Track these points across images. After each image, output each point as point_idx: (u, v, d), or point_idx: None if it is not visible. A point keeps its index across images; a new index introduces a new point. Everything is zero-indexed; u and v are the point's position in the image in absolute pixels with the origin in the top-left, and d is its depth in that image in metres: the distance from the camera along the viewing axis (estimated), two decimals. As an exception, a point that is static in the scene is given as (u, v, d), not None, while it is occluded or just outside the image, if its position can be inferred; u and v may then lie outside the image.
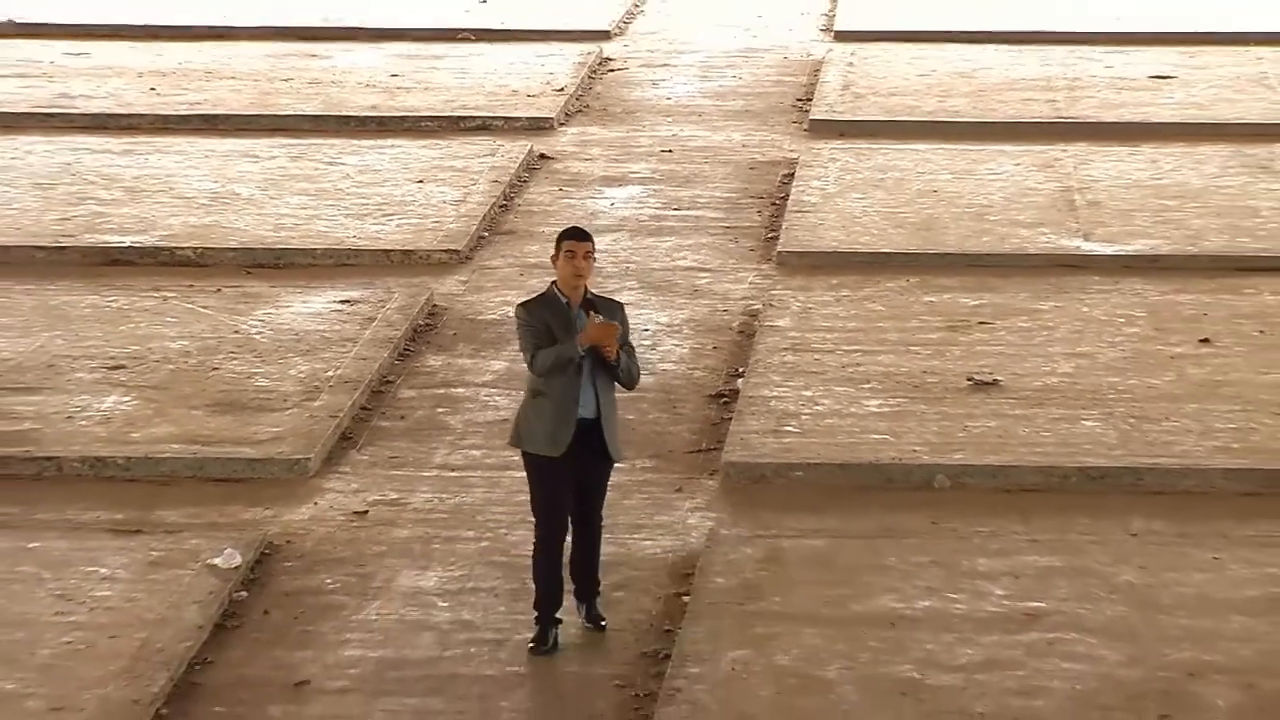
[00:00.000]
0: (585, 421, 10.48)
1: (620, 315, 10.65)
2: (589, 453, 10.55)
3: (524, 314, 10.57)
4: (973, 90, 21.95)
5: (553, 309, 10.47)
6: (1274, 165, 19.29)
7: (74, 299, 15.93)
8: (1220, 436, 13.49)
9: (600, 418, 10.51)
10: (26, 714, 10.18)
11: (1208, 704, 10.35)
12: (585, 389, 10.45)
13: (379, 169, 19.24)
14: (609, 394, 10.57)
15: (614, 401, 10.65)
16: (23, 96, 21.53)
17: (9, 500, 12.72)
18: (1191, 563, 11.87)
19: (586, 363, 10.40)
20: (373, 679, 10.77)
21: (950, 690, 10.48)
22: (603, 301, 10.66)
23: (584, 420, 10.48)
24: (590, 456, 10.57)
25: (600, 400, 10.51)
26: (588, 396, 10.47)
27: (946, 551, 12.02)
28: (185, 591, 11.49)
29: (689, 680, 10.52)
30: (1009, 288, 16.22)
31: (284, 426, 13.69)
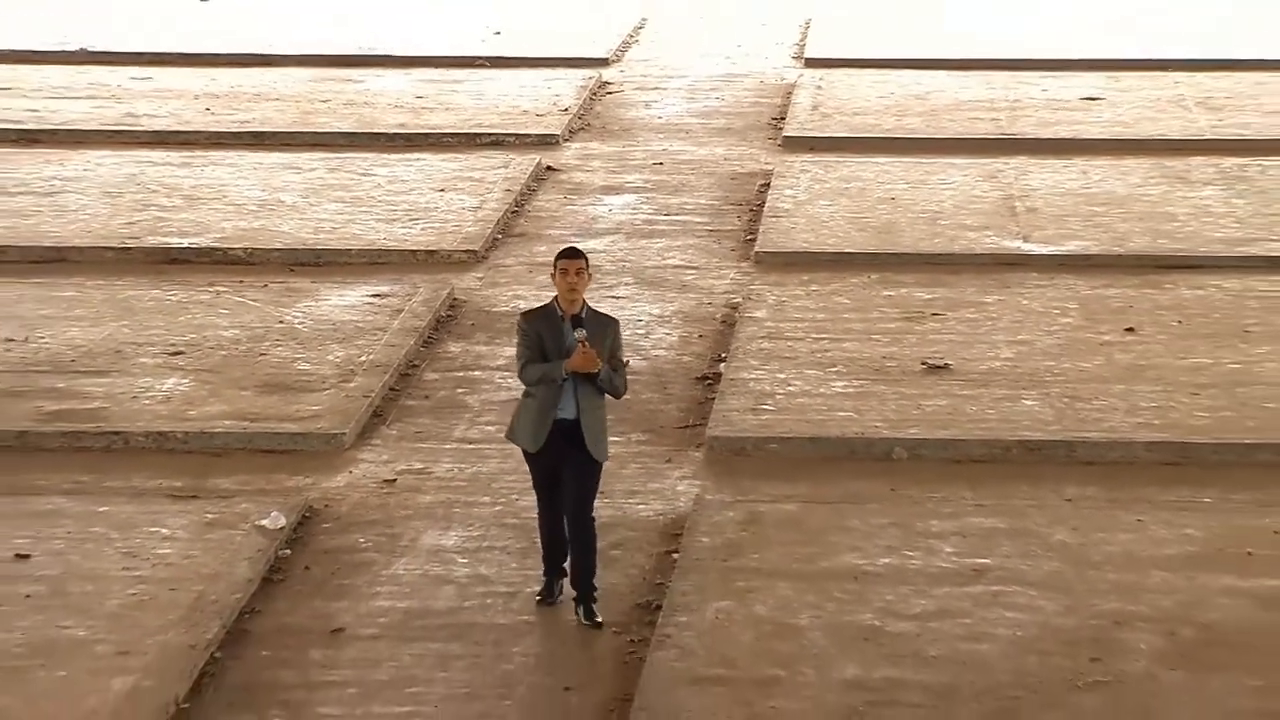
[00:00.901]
0: (565, 422, 10.36)
1: (612, 330, 10.53)
2: (573, 451, 10.41)
3: (523, 324, 10.51)
4: (926, 110, 21.93)
5: (549, 321, 10.38)
6: (1190, 176, 19.28)
7: (138, 293, 15.91)
8: (1143, 413, 13.50)
9: (580, 420, 10.36)
10: (96, 657, 10.19)
11: (1132, 648, 10.36)
12: (567, 393, 10.33)
13: (406, 179, 19.21)
14: (590, 399, 10.39)
15: (597, 406, 10.45)
16: (94, 115, 21.50)
17: (81, 470, 12.74)
18: (1118, 524, 11.88)
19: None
20: (400, 626, 10.78)
21: (907, 636, 10.49)
22: (597, 317, 10.51)
23: (564, 421, 10.35)
24: (574, 455, 10.42)
25: (580, 404, 10.34)
26: (568, 400, 10.33)
27: (903, 515, 12.03)
28: (236, 549, 11.50)
29: (678, 628, 10.54)
30: (958, 283, 16.21)
31: (323, 405, 13.68)
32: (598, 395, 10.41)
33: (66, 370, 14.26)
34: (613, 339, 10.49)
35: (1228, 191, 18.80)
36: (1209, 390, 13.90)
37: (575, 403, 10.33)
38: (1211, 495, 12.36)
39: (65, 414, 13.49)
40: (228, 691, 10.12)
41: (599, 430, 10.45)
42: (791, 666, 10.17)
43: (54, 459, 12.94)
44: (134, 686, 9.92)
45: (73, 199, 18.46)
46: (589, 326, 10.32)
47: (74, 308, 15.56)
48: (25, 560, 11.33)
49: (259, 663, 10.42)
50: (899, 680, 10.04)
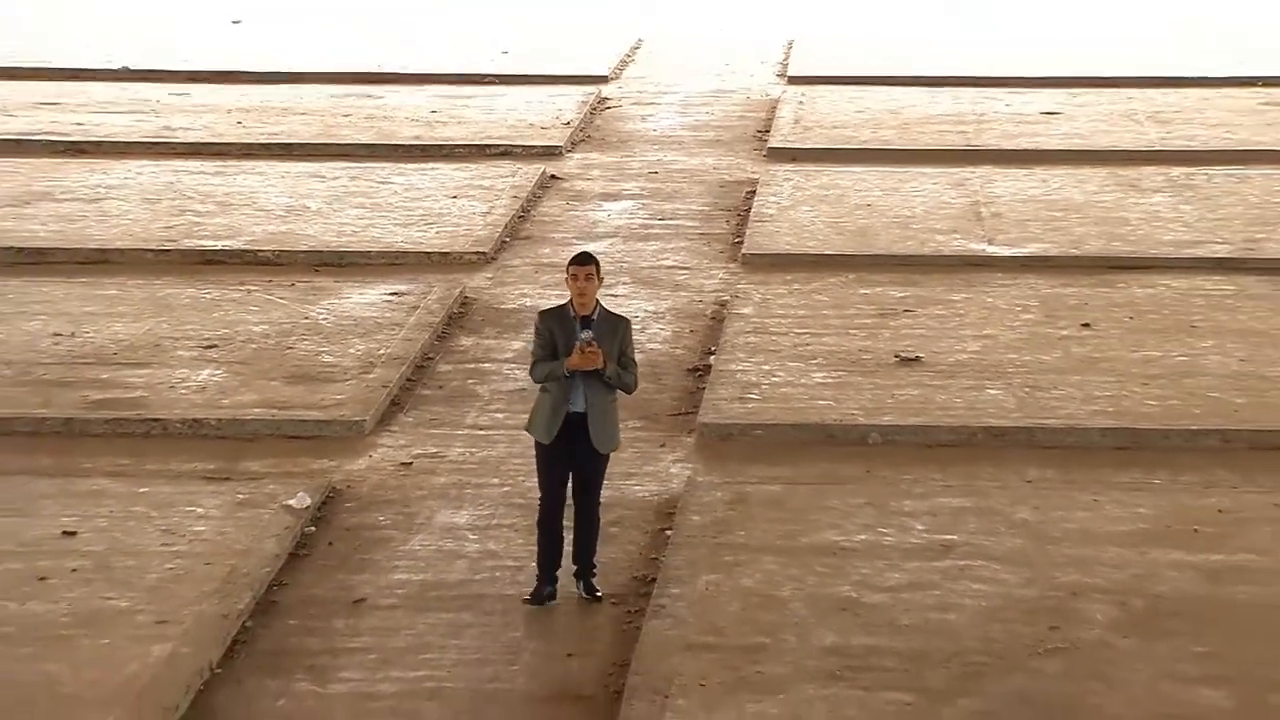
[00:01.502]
0: (575, 415, 10.29)
1: (622, 329, 10.46)
2: (581, 443, 10.35)
3: (539, 322, 10.49)
4: (899, 124, 21.93)
5: (562, 321, 10.34)
6: (1141, 184, 19.28)
7: (175, 291, 15.90)
8: (1099, 402, 13.51)
9: (587, 413, 10.31)
10: (137, 626, 10.19)
11: (1088, 618, 10.37)
12: (577, 389, 10.27)
13: (421, 187, 19.20)
14: (598, 394, 10.32)
15: (605, 401, 10.37)
16: (134, 128, 21.49)
17: (123, 454, 12.74)
18: (1075, 504, 11.89)
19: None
20: (416, 597, 10.79)
21: (881, 606, 10.49)
22: (609, 318, 10.45)
23: (574, 414, 10.29)
24: (583, 447, 10.36)
25: (589, 399, 10.29)
26: (578, 395, 10.27)
27: (878, 495, 12.03)
28: (265, 527, 11.50)
29: (671, 599, 10.54)
30: (928, 283, 16.21)
31: (345, 394, 13.68)
32: (606, 391, 10.35)
33: (110, 362, 14.26)
34: (623, 338, 10.43)
35: (1176, 198, 18.80)
36: (1158, 381, 13.91)
37: (584, 398, 10.29)
38: (1161, 477, 12.36)
39: (109, 402, 13.49)
40: (258, 657, 10.13)
41: (606, 424, 10.39)
42: (775, 634, 10.17)
43: (98, 444, 12.93)
44: (172, 653, 9.92)
45: (115, 205, 18.46)
46: (599, 327, 10.27)
47: (116, 305, 15.55)
48: (72, 537, 11.33)
49: (286, 631, 10.42)
50: (874, 647, 10.04)
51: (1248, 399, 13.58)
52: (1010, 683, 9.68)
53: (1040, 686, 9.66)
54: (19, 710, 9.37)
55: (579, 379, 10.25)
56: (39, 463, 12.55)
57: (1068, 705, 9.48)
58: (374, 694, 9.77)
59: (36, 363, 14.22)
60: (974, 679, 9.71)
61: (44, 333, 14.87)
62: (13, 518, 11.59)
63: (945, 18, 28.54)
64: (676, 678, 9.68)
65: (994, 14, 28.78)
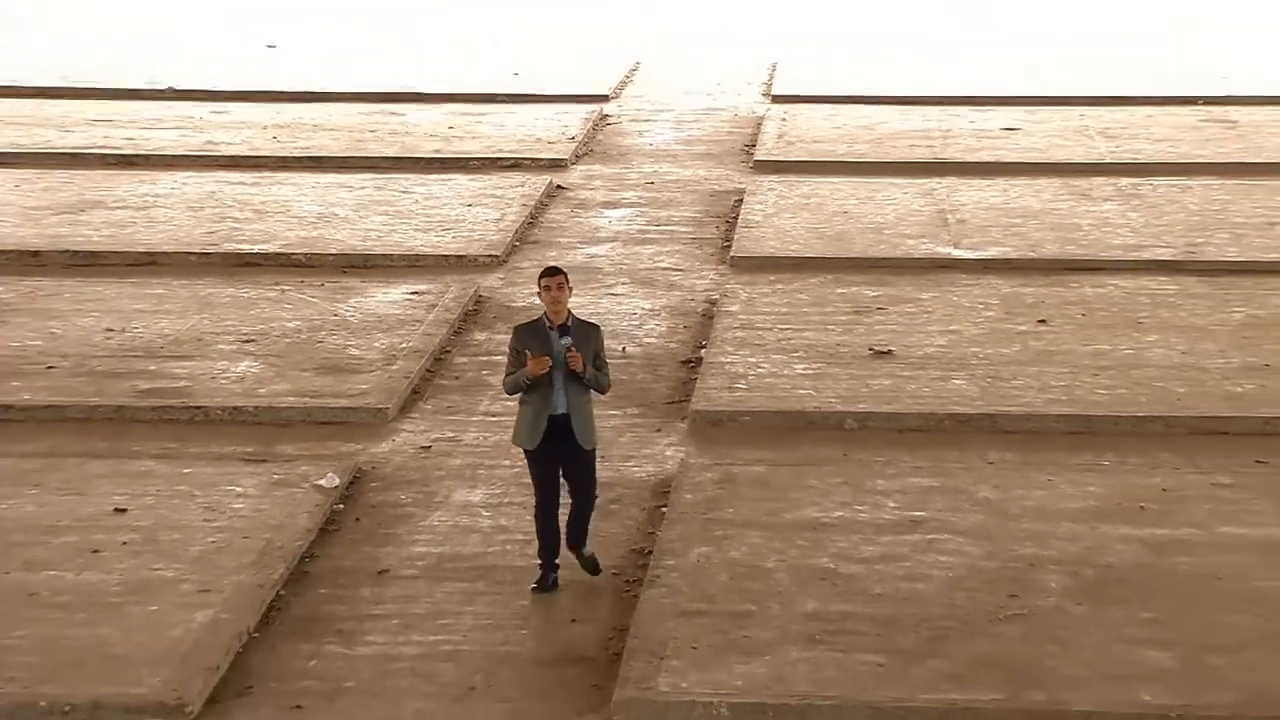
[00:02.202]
0: (558, 418, 10.13)
1: (595, 336, 10.29)
2: (566, 443, 10.19)
3: (512, 338, 10.27)
4: (872, 139, 21.93)
5: (536, 333, 10.13)
6: (1092, 194, 19.28)
7: (216, 291, 15.89)
8: (1054, 391, 13.50)
9: (570, 414, 10.15)
10: (182, 594, 10.20)
11: (1044, 586, 10.38)
12: (558, 392, 10.09)
13: (440, 196, 19.19)
14: (578, 396, 10.15)
15: (584, 402, 10.20)
16: (179, 143, 21.50)
17: (169, 438, 12.73)
18: (1032, 483, 11.89)
19: (559, 372, 10.04)
20: (435, 568, 10.79)
21: (857, 576, 10.50)
22: (582, 325, 10.27)
23: (557, 417, 10.12)
24: (567, 446, 10.20)
25: (570, 401, 10.13)
26: (559, 398, 10.10)
27: (853, 475, 12.03)
28: (298, 504, 11.50)
29: (666, 570, 10.55)
30: (899, 283, 16.20)
31: (370, 384, 13.67)
32: (584, 393, 10.21)
33: (157, 355, 14.25)
34: (596, 343, 10.28)
35: (1124, 206, 18.80)
36: (1108, 372, 13.91)
37: (565, 400, 10.13)
38: (1110, 459, 12.35)
39: (156, 392, 13.48)
40: (291, 623, 10.14)
41: (586, 422, 10.23)
42: (761, 602, 10.17)
43: (146, 429, 12.92)
44: (213, 619, 9.93)
45: (162, 212, 18.45)
46: (575, 334, 10.12)
47: (163, 303, 15.54)
48: (123, 513, 11.33)
49: (317, 599, 10.43)
50: (850, 613, 10.04)
51: (1189, 388, 13.58)
52: (974, 646, 9.69)
53: (1001, 649, 9.66)
54: (76, 670, 9.38)
55: (561, 383, 10.08)
56: (93, 446, 12.54)
57: (1026, 667, 9.48)
58: (396, 655, 9.77)
59: (90, 356, 14.22)
60: (941, 642, 9.72)
61: (97, 328, 14.86)
62: (69, 496, 11.61)
63: (915, 43, 28.52)
64: (671, 641, 9.68)
65: (959, 39, 28.78)
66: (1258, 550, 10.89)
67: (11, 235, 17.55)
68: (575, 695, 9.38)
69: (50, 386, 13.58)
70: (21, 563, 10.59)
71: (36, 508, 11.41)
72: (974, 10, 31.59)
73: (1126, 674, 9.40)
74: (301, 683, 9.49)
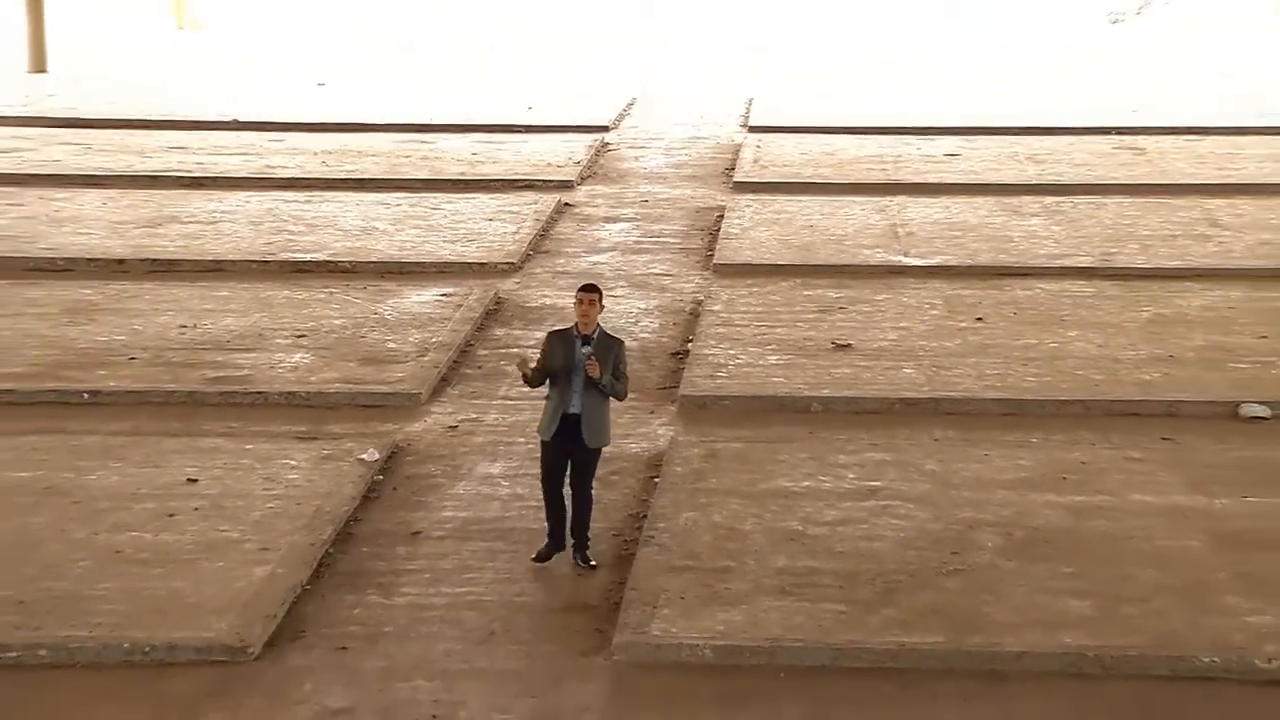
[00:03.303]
0: (572, 417, 9.92)
1: (617, 348, 10.08)
2: (576, 441, 9.98)
3: (544, 342, 10.13)
4: (834, 163, 21.90)
5: (565, 340, 9.97)
6: (1021, 210, 19.27)
7: (274, 293, 15.87)
8: (989, 378, 13.50)
9: (581, 414, 9.94)
10: (244, 552, 10.20)
11: (981, 545, 10.39)
12: (575, 394, 9.90)
13: (465, 212, 19.17)
14: (593, 399, 9.94)
15: (598, 406, 9.98)
16: (242, 167, 21.45)
17: (233, 418, 12.72)
18: (971, 457, 11.90)
19: (577, 377, 9.88)
20: (460, 530, 10.80)
21: (822, 537, 10.51)
22: (606, 338, 10.07)
23: (571, 416, 9.92)
24: (577, 443, 9.99)
25: (584, 403, 9.93)
26: (575, 400, 9.91)
27: (818, 450, 12.03)
28: (344, 475, 11.50)
29: (658, 531, 10.55)
30: (857, 286, 16.19)
31: (405, 373, 13.66)
32: (600, 397, 9.99)
33: (223, 348, 14.23)
34: (616, 354, 10.07)
35: (1048, 220, 18.79)
36: (1035, 362, 13.91)
37: (580, 402, 9.95)
38: (1037, 436, 12.35)
39: (222, 379, 13.46)
40: (338, 577, 10.14)
41: (598, 424, 10.01)
42: (739, 559, 10.18)
43: (214, 411, 12.91)
44: (271, 573, 9.93)
45: (228, 226, 18.41)
46: (598, 345, 9.96)
47: (228, 304, 15.51)
48: (194, 483, 11.33)
49: (360, 556, 10.42)
50: (815, 569, 10.04)
51: (1104, 376, 13.59)
52: (921, 597, 9.70)
53: (944, 599, 9.67)
54: (155, 616, 9.38)
55: (578, 386, 9.91)
56: (168, 426, 12.52)
57: (965, 614, 9.49)
58: (428, 605, 9.77)
59: (166, 348, 14.19)
60: (893, 593, 9.72)
61: (172, 325, 14.83)
62: (148, 468, 11.60)
63: (869, 81, 28.49)
64: (663, 593, 9.69)
65: (908, 77, 28.74)
66: (1162, 515, 10.90)
67: (99, 246, 17.52)
68: (581, 639, 9.38)
69: (132, 375, 13.55)
70: (108, 525, 10.59)
71: (120, 478, 11.40)
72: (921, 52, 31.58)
73: (1051, 620, 9.41)
74: (347, 628, 9.49)
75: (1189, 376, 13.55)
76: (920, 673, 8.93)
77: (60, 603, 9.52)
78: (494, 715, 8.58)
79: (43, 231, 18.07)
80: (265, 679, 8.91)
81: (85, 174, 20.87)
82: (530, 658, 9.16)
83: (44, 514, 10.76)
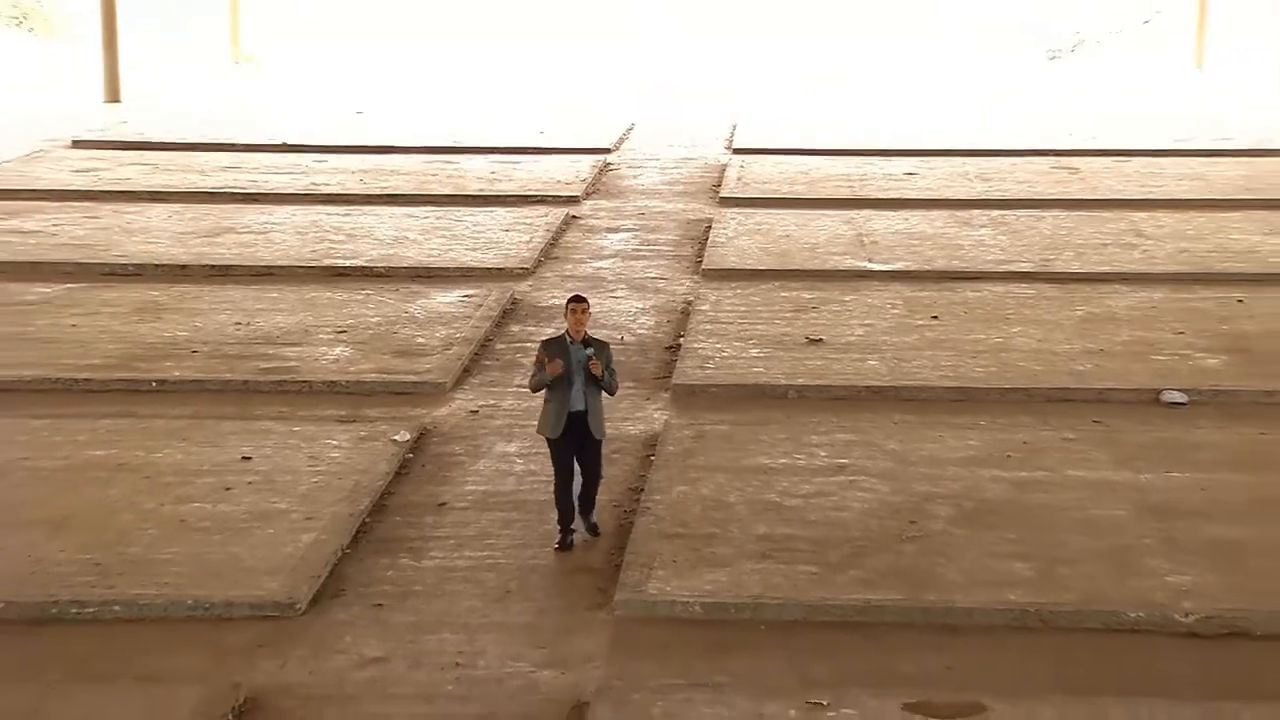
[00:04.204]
0: (577, 414, 9.82)
1: (606, 351, 9.96)
2: (582, 434, 9.87)
3: (540, 348, 9.97)
4: (808, 181, 21.87)
5: (559, 346, 9.85)
6: (971, 222, 19.22)
7: (317, 294, 15.84)
8: (943, 369, 13.49)
9: (587, 411, 9.87)
10: (292, 522, 10.19)
11: (935, 514, 10.39)
12: (578, 393, 9.79)
13: (485, 224, 19.12)
14: (593, 396, 9.86)
15: (597, 402, 9.89)
16: (290, 184, 21.41)
17: (283, 404, 12.70)
18: (927, 438, 11.88)
19: (579, 376, 9.76)
20: (481, 502, 10.78)
21: (796, 507, 10.49)
22: (596, 341, 9.95)
23: (576, 413, 9.82)
24: (582, 436, 9.88)
25: (587, 399, 9.83)
26: (579, 398, 9.80)
27: (794, 432, 12.02)
28: (379, 454, 11.48)
29: (654, 503, 10.54)
30: (828, 288, 16.17)
31: (432, 364, 13.63)
32: (598, 393, 9.92)
33: (274, 342, 14.20)
34: (606, 355, 9.98)
35: (995, 231, 18.76)
36: (983, 355, 13.90)
37: (584, 398, 9.86)
38: (984, 420, 12.34)
39: (273, 370, 13.44)
40: (374, 542, 10.13)
41: (599, 417, 9.95)
42: (724, 527, 10.17)
43: (266, 397, 12.89)
44: (315, 539, 9.92)
45: (278, 236, 18.37)
46: (591, 346, 9.85)
47: (278, 304, 15.49)
48: (248, 460, 11.31)
49: (393, 525, 10.41)
50: (792, 535, 10.04)
51: (1043, 367, 13.57)
52: (883, 560, 9.69)
53: (904, 562, 9.67)
54: (214, 577, 9.38)
55: (580, 385, 9.81)
56: (225, 410, 12.52)
57: (922, 575, 9.49)
58: (452, 567, 9.77)
59: (224, 343, 14.18)
60: (859, 557, 9.72)
61: (229, 322, 14.81)
62: (208, 447, 11.59)
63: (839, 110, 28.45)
64: (657, 556, 9.68)
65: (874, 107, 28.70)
66: (1093, 488, 10.90)
67: (165, 253, 17.49)
68: (586, 596, 9.38)
69: (194, 366, 13.54)
70: (173, 498, 10.58)
71: (184, 456, 11.39)
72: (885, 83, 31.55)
73: (996, 580, 9.40)
74: (381, 587, 9.49)
75: (1117, 367, 13.54)
76: (883, 626, 8.94)
77: (132, 565, 9.52)
78: (509, 663, 8.59)
79: (116, 240, 18.04)
80: (310, 632, 8.92)
81: (153, 190, 20.83)
82: (541, 613, 9.16)
83: (117, 487, 10.76)
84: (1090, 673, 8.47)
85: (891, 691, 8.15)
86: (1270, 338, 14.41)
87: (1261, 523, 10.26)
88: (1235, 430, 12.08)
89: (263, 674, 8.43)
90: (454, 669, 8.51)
